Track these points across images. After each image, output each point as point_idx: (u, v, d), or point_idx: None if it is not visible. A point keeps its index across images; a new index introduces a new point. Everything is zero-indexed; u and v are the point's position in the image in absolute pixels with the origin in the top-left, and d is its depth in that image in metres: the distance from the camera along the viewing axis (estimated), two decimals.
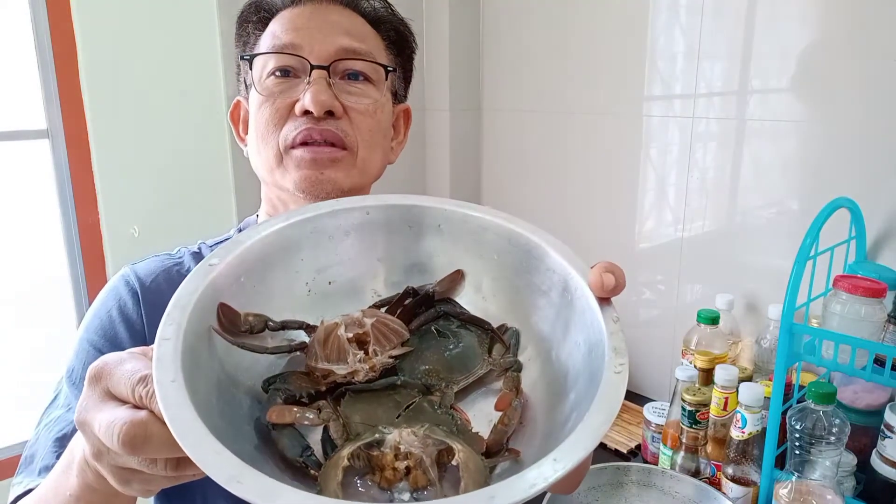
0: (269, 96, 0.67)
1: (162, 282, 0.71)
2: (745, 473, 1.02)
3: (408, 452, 0.38)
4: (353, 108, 0.68)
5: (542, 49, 1.62)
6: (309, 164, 0.66)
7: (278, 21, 0.69)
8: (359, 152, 0.68)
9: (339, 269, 0.51)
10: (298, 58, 0.66)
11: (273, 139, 0.67)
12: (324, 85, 0.65)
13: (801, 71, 1.20)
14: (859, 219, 1.09)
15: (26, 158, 1.38)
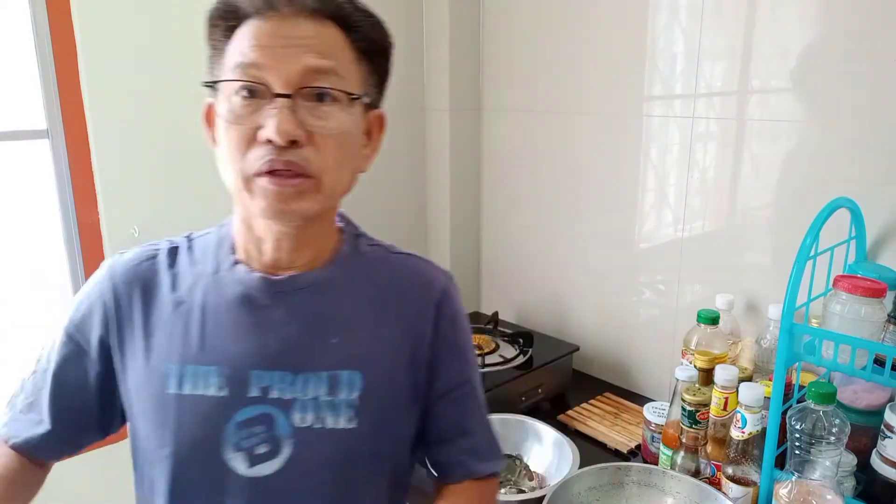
0: (235, 120, 0.66)
1: (136, 272, 0.76)
2: (745, 473, 1.02)
3: None
4: (317, 134, 0.67)
5: (542, 49, 1.62)
6: (274, 196, 0.66)
7: (245, 34, 0.67)
8: (324, 178, 0.68)
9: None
10: (261, 86, 0.65)
11: (238, 164, 0.67)
12: (287, 114, 0.64)
13: (801, 71, 1.20)
14: (859, 219, 1.09)
15: (26, 158, 1.38)
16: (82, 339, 0.76)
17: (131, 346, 0.74)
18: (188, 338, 0.73)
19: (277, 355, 0.72)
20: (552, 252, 1.70)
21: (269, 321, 0.73)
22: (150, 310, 0.74)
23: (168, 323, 0.73)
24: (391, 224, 1.80)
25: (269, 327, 0.73)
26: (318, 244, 0.76)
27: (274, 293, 0.74)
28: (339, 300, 0.76)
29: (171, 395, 0.71)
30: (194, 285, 0.75)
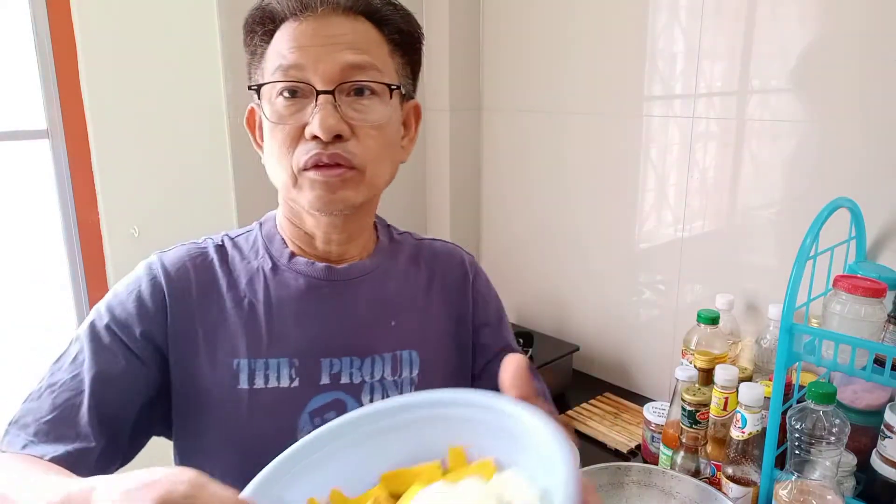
0: (279, 120, 0.69)
1: (189, 269, 0.75)
2: (745, 473, 1.02)
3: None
4: (359, 128, 0.70)
5: (542, 49, 1.62)
6: (322, 186, 0.69)
7: (283, 37, 0.70)
8: (367, 169, 0.71)
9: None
10: (304, 84, 0.68)
11: (286, 161, 0.70)
12: (330, 109, 0.67)
13: (800, 71, 1.20)
14: (859, 219, 1.09)
15: (26, 158, 1.38)
16: (128, 337, 0.71)
17: (189, 344, 0.72)
18: (255, 332, 0.73)
19: (345, 341, 0.75)
20: (552, 252, 1.70)
21: (333, 310, 0.76)
22: (209, 306, 0.74)
23: (231, 318, 0.73)
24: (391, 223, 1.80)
25: (334, 315, 0.76)
26: (364, 236, 0.81)
27: (336, 282, 0.77)
28: (391, 285, 0.81)
29: (243, 390, 0.72)
30: (252, 280, 0.76)
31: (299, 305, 0.75)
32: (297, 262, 0.77)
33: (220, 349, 0.73)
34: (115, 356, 0.70)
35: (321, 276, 0.76)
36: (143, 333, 0.71)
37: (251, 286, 0.75)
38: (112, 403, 0.69)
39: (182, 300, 0.73)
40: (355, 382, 0.75)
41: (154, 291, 0.73)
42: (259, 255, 0.78)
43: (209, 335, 0.73)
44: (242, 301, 0.74)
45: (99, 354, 0.70)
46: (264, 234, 0.80)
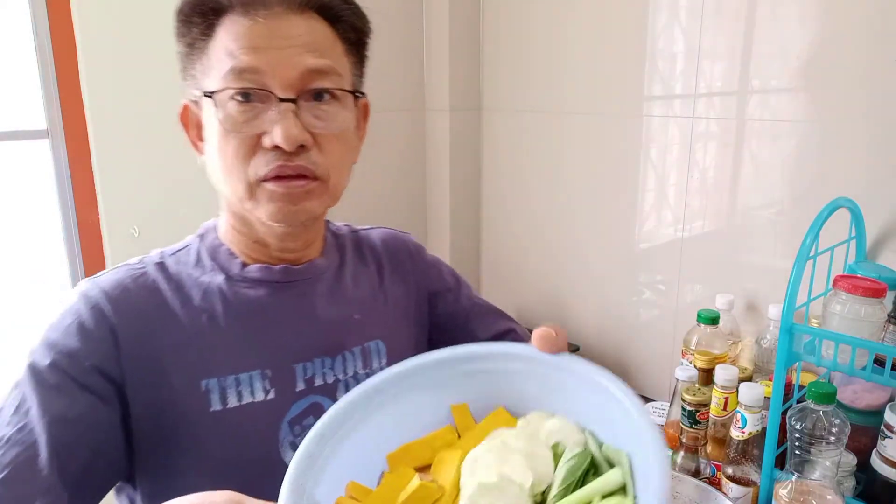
0: (233, 127, 0.64)
1: (133, 290, 0.68)
2: (745, 473, 1.02)
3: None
4: (321, 136, 0.66)
5: (542, 49, 1.62)
6: (283, 198, 0.65)
7: (231, 34, 0.63)
8: (330, 179, 0.68)
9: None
10: (262, 91, 0.63)
11: (241, 172, 0.65)
12: (292, 119, 0.63)
13: (800, 71, 1.20)
14: (859, 219, 1.09)
15: (26, 158, 1.38)
16: (79, 373, 0.62)
17: (148, 371, 0.65)
18: (219, 348, 0.68)
19: (315, 342, 0.73)
20: (552, 252, 1.70)
21: (299, 312, 0.73)
22: (164, 327, 0.67)
23: (191, 337, 0.67)
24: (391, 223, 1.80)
25: (301, 318, 0.73)
26: (318, 238, 0.78)
27: (297, 283, 0.74)
28: (347, 279, 0.79)
29: (216, 412, 0.66)
30: (207, 295, 0.70)
31: (263, 313, 0.71)
32: (251, 270, 0.72)
33: (183, 372, 0.66)
34: (68, 397, 0.61)
35: (281, 279, 0.72)
36: (95, 367, 0.63)
37: (207, 301, 0.69)
38: (75, 449, 0.60)
39: (132, 325, 0.65)
40: (329, 382, 0.72)
41: (98, 320, 0.64)
42: (207, 269, 0.72)
43: (169, 358, 0.66)
44: (200, 317, 0.68)
45: (48, 398, 0.60)
46: (207, 247, 0.74)
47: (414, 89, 1.79)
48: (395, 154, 1.78)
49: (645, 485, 0.43)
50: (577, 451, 0.49)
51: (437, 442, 0.52)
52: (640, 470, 0.45)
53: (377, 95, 1.91)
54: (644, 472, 0.44)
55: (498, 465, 0.47)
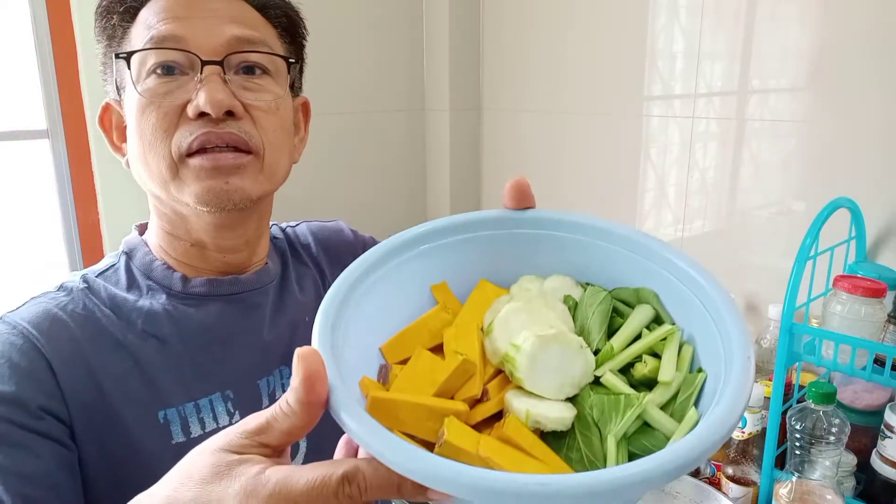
0: (153, 99, 0.58)
1: (64, 319, 0.59)
2: (745, 473, 1.02)
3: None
4: (253, 107, 0.60)
5: (542, 49, 1.62)
6: (210, 174, 0.58)
7: (151, 10, 0.60)
8: (265, 156, 0.61)
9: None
10: (185, 52, 0.58)
11: (163, 148, 0.58)
12: (219, 82, 0.58)
13: (800, 71, 1.20)
14: (859, 219, 1.09)
15: (26, 158, 1.38)
16: (27, 417, 0.54)
17: (95, 409, 0.58)
18: (174, 374, 0.61)
19: (274, 354, 0.68)
20: None
21: (252, 326, 0.67)
22: (108, 357, 0.59)
23: (141, 364, 0.60)
24: (390, 224, 1.80)
25: (255, 331, 0.67)
26: (263, 238, 0.71)
27: (249, 293, 0.67)
28: (294, 284, 0.74)
29: (179, 444, 0.59)
30: (150, 318, 0.62)
31: (216, 331, 0.64)
32: (195, 285, 0.65)
33: (135, 405, 0.59)
34: (24, 449, 0.53)
35: (231, 291, 0.66)
36: (42, 408, 0.54)
37: (151, 325, 0.62)
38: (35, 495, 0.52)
39: (69, 359, 0.57)
40: None
41: (31, 357, 0.56)
42: (144, 290, 0.64)
43: (116, 392, 0.58)
44: (146, 343, 0.61)
45: (4, 455, 0.52)
46: (137, 264, 0.66)
47: (414, 89, 1.79)
48: (395, 154, 1.78)
49: (704, 314, 0.44)
50: (602, 294, 0.48)
51: (433, 323, 0.49)
52: (670, 301, 0.47)
53: (377, 95, 1.91)
54: (683, 301, 0.45)
55: (533, 324, 0.45)
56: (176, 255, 0.66)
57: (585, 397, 0.44)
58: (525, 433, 0.41)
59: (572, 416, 0.42)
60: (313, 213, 0.85)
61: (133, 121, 0.60)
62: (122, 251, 0.68)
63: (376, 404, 0.40)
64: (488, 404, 0.44)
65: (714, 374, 0.42)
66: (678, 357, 0.45)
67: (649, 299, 0.48)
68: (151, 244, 0.67)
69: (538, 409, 0.42)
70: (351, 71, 1.65)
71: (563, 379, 0.44)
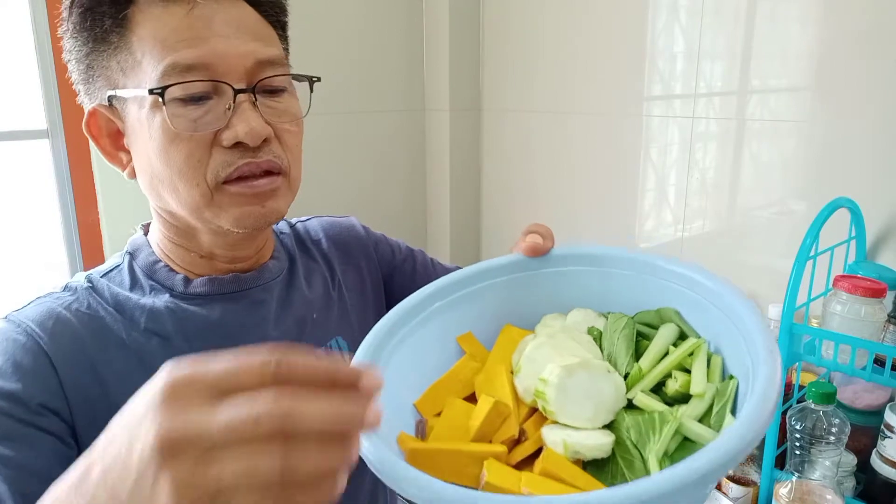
0: (186, 127, 0.57)
1: (68, 317, 0.60)
2: (745, 473, 1.02)
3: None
4: (281, 129, 0.62)
5: (541, 49, 1.62)
6: (251, 200, 0.60)
7: (160, 22, 0.57)
8: (291, 173, 0.64)
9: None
10: (218, 83, 0.57)
11: (197, 176, 0.58)
12: (252, 110, 0.58)
13: (800, 71, 1.20)
14: (859, 219, 1.09)
15: (26, 158, 1.38)
16: (28, 415, 0.55)
17: (97, 408, 0.58)
18: None
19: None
20: None
21: (256, 323, 0.67)
22: (111, 353, 0.60)
23: (143, 364, 0.61)
24: (391, 224, 1.80)
25: (258, 329, 0.67)
26: (267, 243, 0.72)
27: (251, 290, 0.68)
28: (302, 280, 0.74)
29: None
30: (152, 316, 0.62)
31: (219, 330, 0.64)
32: (196, 285, 0.65)
33: None
34: (21, 443, 0.53)
35: (233, 290, 0.66)
36: (43, 406, 0.55)
37: (154, 322, 0.62)
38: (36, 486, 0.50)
39: (74, 357, 0.58)
40: None
41: (34, 354, 0.56)
42: (146, 290, 0.64)
43: (119, 389, 0.58)
44: (150, 341, 0.61)
45: (4, 448, 0.52)
46: (140, 265, 0.66)
47: (414, 89, 1.79)
48: (395, 154, 1.78)
49: (727, 324, 0.45)
50: (624, 319, 0.49)
51: (463, 372, 0.49)
52: (691, 314, 0.48)
53: (377, 95, 1.91)
54: (701, 311, 0.47)
55: (558, 356, 0.45)
56: (181, 262, 0.67)
57: (621, 422, 0.43)
58: (565, 464, 0.41)
59: (611, 441, 0.42)
60: (312, 212, 0.85)
61: (157, 146, 0.58)
62: (126, 251, 0.68)
63: (415, 456, 0.41)
64: (526, 444, 0.44)
65: (744, 376, 0.42)
66: (708, 368, 0.45)
67: (671, 317, 0.49)
68: (156, 247, 0.68)
69: (574, 438, 0.42)
70: (351, 71, 1.65)
71: (596, 405, 0.43)
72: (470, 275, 0.54)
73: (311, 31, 1.55)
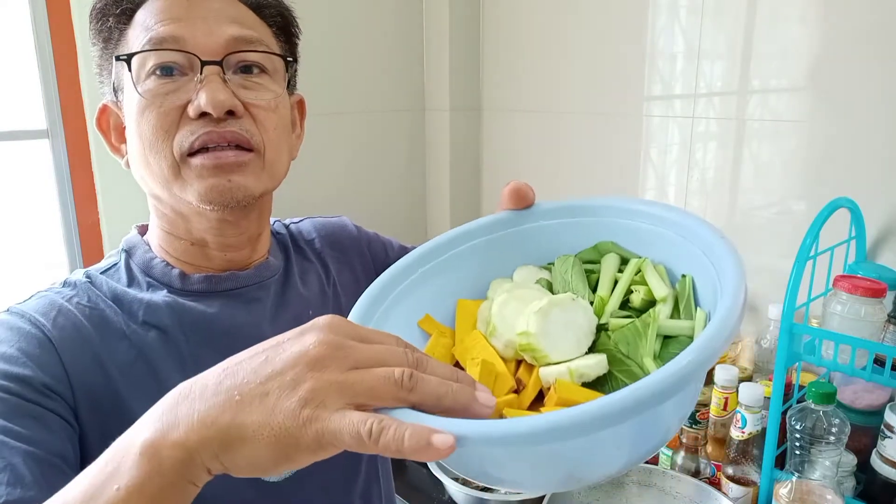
0: (153, 99, 0.58)
1: (70, 309, 0.60)
2: (745, 473, 1.02)
3: None
4: (253, 105, 0.61)
5: (542, 49, 1.62)
6: (213, 172, 0.59)
7: (148, 11, 0.60)
8: (266, 153, 0.62)
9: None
10: (185, 53, 0.58)
11: (165, 148, 0.59)
12: (219, 82, 0.58)
13: (800, 71, 1.20)
14: (859, 219, 1.09)
15: (26, 158, 1.38)
16: (33, 394, 0.55)
17: (101, 397, 0.58)
18: (176, 364, 0.62)
19: None
20: None
21: (253, 320, 0.67)
22: (110, 348, 0.60)
23: (143, 356, 0.61)
24: (391, 224, 1.80)
25: (256, 325, 0.67)
26: (264, 234, 0.72)
27: (248, 288, 0.68)
28: (297, 279, 0.74)
29: None
30: (151, 309, 0.63)
31: (216, 325, 0.64)
32: (194, 282, 0.65)
33: (141, 394, 0.58)
34: (33, 420, 0.53)
35: (230, 287, 0.66)
36: (47, 386, 0.55)
37: (152, 316, 0.62)
38: (50, 459, 0.52)
39: (77, 346, 0.58)
40: None
41: (39, 341, 0.57)
42: (143, 287, 0.65)
43: (121, 381, 0.59)
44: (148, 333, 0.62)
45: (12, 422, 0.52)
46: (137, 262, 0.67)
47: (414, 89, 1.79)
48: (395, 154, 1.78)
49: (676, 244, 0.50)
50: (570, 259, 0.53)
51: (438, 350, 0.51)
52: (628, 241, 0.53)
53: (377, 95, 1.91)
54: (639, 235, 0.52)
55: (525, 306, 0.48)
56: (176, 254, 0.67)
57: (606, 341, 0.47)
58: (577, 389, 0.44)
59: (605, 357, 0.46)
60: (313, 213, 0.85)
61: (133, 121, 0.60)
62: (122, 249, 0.69)
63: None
64: (527, 390, 0.46)
65: (705, 272, 0.48)
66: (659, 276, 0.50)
67: (609, 248, 0.54)
68: (152, 243, 0.68)
69: (575, 364, 0.45)
70: (351, 71, 1.65)
71: (577, 334, 0.47)
72: (431, 249, 0.57)
73: (311, 31, 1.55)
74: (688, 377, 0.35)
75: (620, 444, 0.39)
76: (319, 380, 0.36)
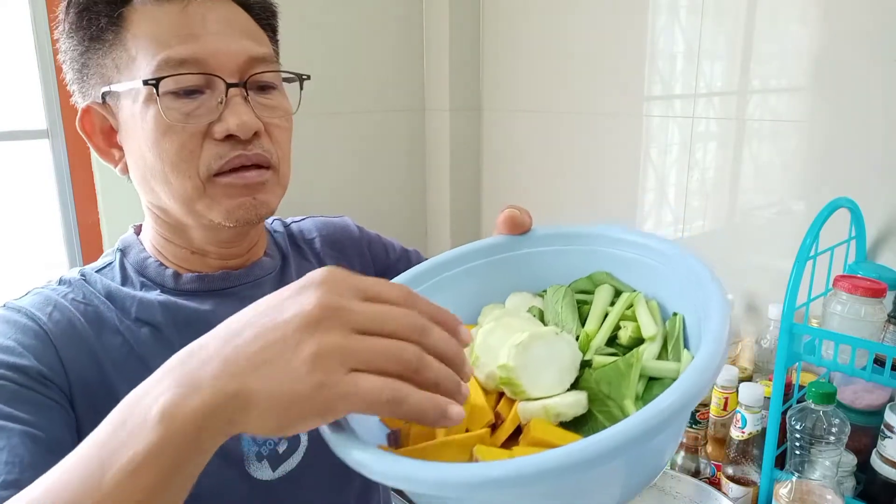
0: (178, 119, 0.59)
1: (66, 305, 0.61)
2: (745, 473, 1.02)
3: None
4: (271, 124, 0.63)
5: (542, 49, 1.62)
6: (242, 192, 0.61)
7: (154, 20, 0.59)
8: (280, 168, 0.65)
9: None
10: (210, 76, 0.59)
11: (189, 168, 0.60)
12: (244, 104, 0.60)
13: (800, 71, 1.20)
14: (859, 219, 1.09)
15: (26, 158, 1.38)
16: (30, 382, 0.56)
17: (95, 392, 0.59)
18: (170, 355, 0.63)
19: None
20: None
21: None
22: (104, 344, 0.61)
23: (136, 352, 0.62)
24: (391, 224, 1.80)
25: None
26: (262, 236, 0.73)
27: (243, 286, 0.68)
28: (293, 277, 0.74)
29: None
30: (144, 307, 0.63)
31: (210, 321, 0.61)
32: (186, 281, 0.66)
33: (136, 385, 0.57)
34: (33, 406, 0.54)
35: (223, 286, 0.67)
36: (42, 375, 0.56)
37: (145, 313, 0.63)
38: (45, 448, 0.52)
39: (72, 340, 0.59)
40: None
41: (35, 333, 0.58)
42: (137, 286, 0.65)
43: (115, 377, 0.60)
44: (140, 330, 0.62)
45: (10, 407, 0.53)
46: (131, 261, 0.67)
47: (414, 89, 1.79)
48: (395, 154, 1.78)
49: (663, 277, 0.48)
50: (562, 290, 0.52)
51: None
52: (624, 273, 0.52)
53: (377, 95, 1.91)
54: (633, 267, 0.50)
55: (508, 338, 0.46)
56: (172, 257, 0.67)
57: (588, 378, 0.45)
58: (552, 429, 0.42)
59: (584, 396, 0.44)
60: (313, 213, 0.85)
61: (149, 139, 0.60)
62: (117, 248, 0.69)
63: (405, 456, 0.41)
64: (505, 425, 0.44)
65: (692, 309, 0.46)
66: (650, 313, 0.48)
67: (604, 279, 0.52)
68: (146, 244, 0.69)
69: (552, 401, 0.43)
70: (351, 71, 1.65)
71: (559, 369, 0.45)
72: (427, 269, 0.56)
73: (311, 31, 1.55)
74: (661, 425, 0.33)
75: (604, 484, 0.39)
76: (322, 343, 0.36)
